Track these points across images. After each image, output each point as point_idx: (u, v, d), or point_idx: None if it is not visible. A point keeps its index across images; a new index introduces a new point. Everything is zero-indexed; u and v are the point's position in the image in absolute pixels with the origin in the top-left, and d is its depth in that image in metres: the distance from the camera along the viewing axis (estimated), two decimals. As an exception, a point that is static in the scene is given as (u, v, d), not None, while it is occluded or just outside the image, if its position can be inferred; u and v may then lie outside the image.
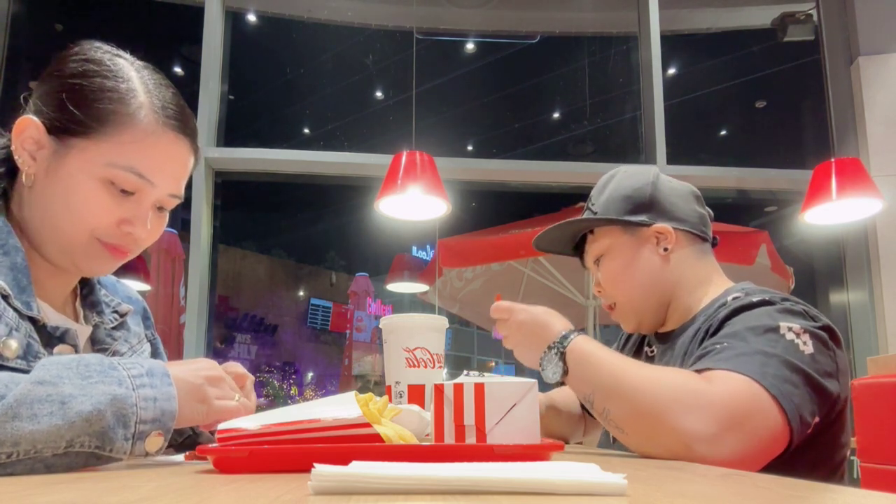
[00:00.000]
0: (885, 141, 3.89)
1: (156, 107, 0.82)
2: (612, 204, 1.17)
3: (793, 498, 0.44)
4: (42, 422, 0.60)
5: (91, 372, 0.65)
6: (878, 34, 4.00)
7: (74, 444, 0.62)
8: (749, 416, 0.82)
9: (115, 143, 0.79)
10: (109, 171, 0.79)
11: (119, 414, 0.64)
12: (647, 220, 1.15)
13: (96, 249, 0.82)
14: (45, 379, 0.62)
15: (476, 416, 0.66)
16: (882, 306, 3.78)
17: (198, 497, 0.41)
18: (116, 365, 0.67)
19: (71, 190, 0.79)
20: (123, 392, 0.65)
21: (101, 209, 0.80)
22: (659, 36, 3.98)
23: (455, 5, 4.74)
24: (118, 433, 0.64)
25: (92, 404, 0.62)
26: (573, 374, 0.94)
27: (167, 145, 0.83)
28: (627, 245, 1.16)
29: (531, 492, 0.40)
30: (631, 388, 0.88)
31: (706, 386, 0.85)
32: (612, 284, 1.18)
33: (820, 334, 0.93)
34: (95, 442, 0.63)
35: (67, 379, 0.63)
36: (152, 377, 0.68)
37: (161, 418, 0.67)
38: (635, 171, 1.21)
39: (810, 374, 0.88)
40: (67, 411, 0.61)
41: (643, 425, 0.86)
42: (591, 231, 1.22)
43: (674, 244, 1.14)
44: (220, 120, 3.85)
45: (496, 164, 4.08)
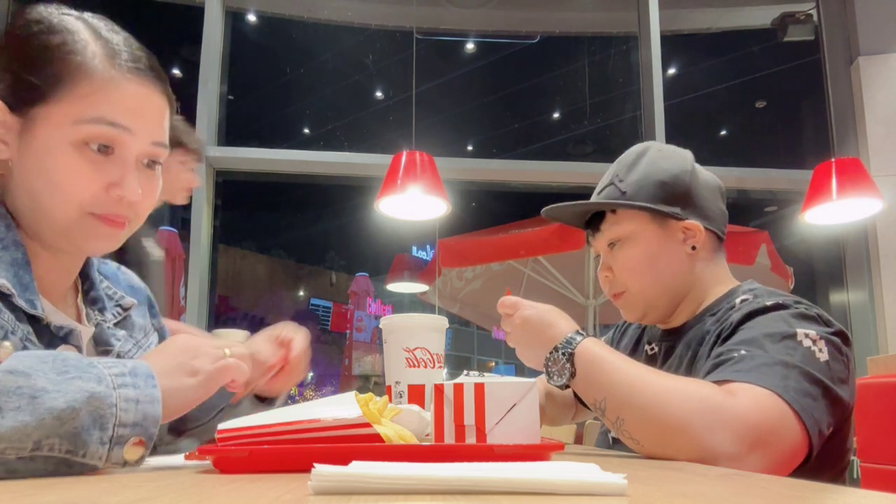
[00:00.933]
0: (885, 141, 3.89)
1: (110, 53, 0.75)
2: (646, 187, 1.08)
3: (793, 498, 0.44)
4: (7, 416, 0.53)
5: (68, 367, 0.58)
6: (878, 34, 4.00)
7: (42, 445, 0.55)
8: (773, 434, 0.81)
9: (77, 98, 0.73)
10: (79, 130, 0.73)
11: (96, 414, 0.57)
12: (680, 214, 1.08)
13: (92, 224, 0.76)
14: (17, 369, 0.56)
15: (476, 416, 0.66)
16: (882, 306, 3.78)
17: (198, 497, 0.41)
18: (96, 363, 0.61)
19: (47, 164, 0.73)
20: (102, 390, 0.58)
21: (83, 178, 0.74)
22: (659, 36, 3.98)
23: (455, 5, 4.74)
24: (93, 435, 0.56)
25: (66, 401, 0.55)
26: (582, 378, 0.90)
27: (132, 89, 0.76)
28: (653, 235, 1.08)
29: (531, 492, 0.40)
30: (649, 399, 0.84)
31: (730, 401, 0.82)
32: (628, 273, 1.10)
33: (834, 340, 0.92)
34: (67, 445, 0.55)
35: (42, 372, 0.56)
36: (135, 377, 0.61)
37: (143, 422, 0.59)
38: (671, 153, 1.12)
39: (827, 385, 0.87)
40: (37, 407, 0.54)
41: (663, 439, 0.82)
42: (612, 210, 1.11)
43: (701, 244, 1.08)
44: (220, 120, 3.85)
45: (496, 164, 4.08)
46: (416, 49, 3.94)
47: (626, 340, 1.29)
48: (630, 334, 1.29)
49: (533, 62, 6.92)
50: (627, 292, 1.11)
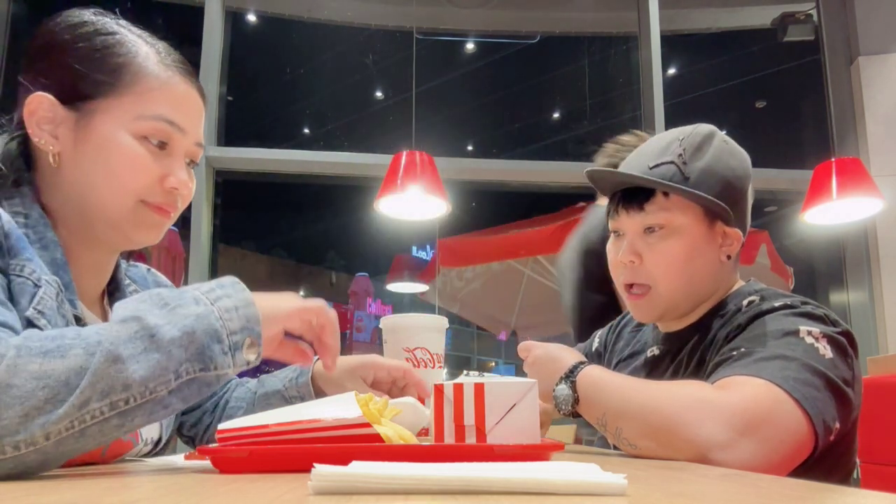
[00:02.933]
0: (885, 141, 3.89)
1: (160, 55, 0.81)
2: (709, 180, 0.99)
3: (793, 498, 0.44)
4: (141, 360, 0.57)
5: (165, 299, 0.62)
6: (878, 34, 4.00)
7: (181, 374, 0.59)
8: (767, 420, 0.79)
9: (137, 95, 0.77)
10: (141, 125, 0.77)
11: (209, 331, 0.61)
12: (732, 218, 1.01)
13: (144, 214, 0.80)
14: (127, 316, 0.60)
15: (476, 416, 0.66)
16: (882, 306, 3.78)
17: (198, 497, 0.41)
18: (185, 290, 0.65)
19: (110, 154, 0.76)
20: (203, 310, 0.62)
21: (143, 167, 0.78)
22: (659, 36, 3.98)
23: (455, 5, 4.74)
24: (214, 349, 0.61)
25: (178, 329, 0.59)
26: (584, 401, 0.91)
27: (183, 90, 0.81)
28: (699, 233, 1.00)
29: (531, 492, 0.40)
30: (641, 405, 0.85)
31: (720, 393, 0.82)
32: (663, 267, 1.00)
33: (839, 340, 0.90)
34: (199, 365, 0.60)
35: (147, 311, 0.60)
36: (223, 287, 0.66)
37: (248, 325, 0.64)
38: (736, 151, 1.04)
39: (831, 378, 0.85)
40: (160, 342, 0.58)
41: (657, 439, 0.82)
42: (665, 193, 1.00)
43: (735, 253, 1.04)
44: (219, 120, 3.85)
45: (496, 164, 4.08)
46: (416, 49, 3.94)
47: (622, 344, 1.26)
48: (626, 338, 1.26)
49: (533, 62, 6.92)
50: (653, 290, 1.02)
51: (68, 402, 0.55)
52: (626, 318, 1.31)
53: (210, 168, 3.68)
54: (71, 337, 0.58)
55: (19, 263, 0.70)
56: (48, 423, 0.54)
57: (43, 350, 0.56)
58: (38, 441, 0.54)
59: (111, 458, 0.81)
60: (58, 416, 0.54)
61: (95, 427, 0.56)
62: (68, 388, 0.55)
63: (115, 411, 0.57)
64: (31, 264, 0.71)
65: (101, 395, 0.56)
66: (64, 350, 0.56)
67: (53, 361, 0.56)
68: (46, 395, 0.54)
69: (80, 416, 0.55)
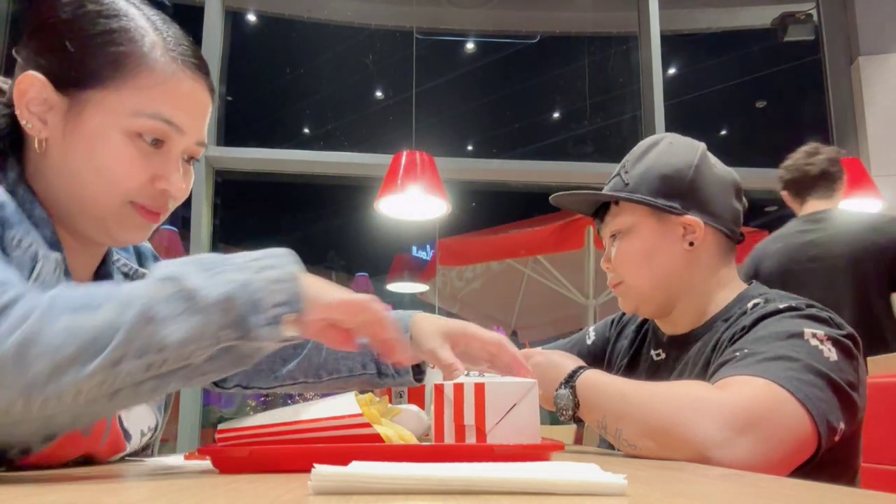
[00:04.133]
0: (885, 141, 3.89)
1: (169, 45, 0.74)
2: (647, 180, 1.08)
3: (793, 498, 0.44)
4: (179, 321, 0.55)
5: (208, 264, 0.60)
6: (878, 34, 4.00)
7: (220, 339, 0.57)
8: (766, 418, 0.79)
9: (136, 89, 0.72)
10: (136, 122, 0.72)
11: (251, 299, 0.58)
12: (679, 209, 1.06)
13: (130, 214, 0.75)
14: (167, 275, 0.57)
15: (476, 416, 0.66)
16: (882, 306, 3.77)
17: (198, 497, 0.41)
18: (231, 255, 0.62)
19: (98, 149, 0.72)
20: (247, 277, 0.59)
21: (133, 167, 0.73)
22: (659, 36, 3.98)
23: (455, 5, 4.74)
24: (252, 320, 0.58)
25: (219, 293, 0.57)
26: (584, 405, 0.92)
27: (188, 86, 0.75)
28: (651, 229, 1.08)
29: (531, 492, 0.40)
30: (639, 405, 0.86)
31: (718, 392, 0.82)
32: (625, 265, 1.10)
33: (844, 343, 0.90)
34: (236, 332, 0.57)
35: (189, 273, 0.58)
36: (272, 257, 0.62)
37: (291, 300, 0.60)
38: (681, 147, 1.11)
39: (835, 380, 0.84)
40: (198, 304, 0.56)
41: (655, 439, 0.83)
42: (615, 202, 1.12)
43: (700, 240, 1.07)
44: (219, 120, 3.85)
45: (496, 164, 4.08)
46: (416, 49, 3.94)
47: (625, 341, 1.26)
48: (629, 336, 1.26)
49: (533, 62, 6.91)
50: (623, 283, 1.12)
51: (99, 359, 0.53)
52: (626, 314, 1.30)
53: (210, 168, 3.67)
54: (103, 294, 0.56)
55: (16, 236, 0.67)
56: (78, 379, 0.52)
57: (74, 305, 0.54)
58: (66, 397, 0.52)
59: (109, 453, 0.80)
60: (88, 373, 0.52)
61: (129, 390, 0.55)
62: (99, 344, 0.53)
63: (150, 373, 0.55)
64: (29, 237, 0.68)
65: (135, 355, 0.54)
66: (95, 306, 0.54)
67: (84, 316, 0.54)
68: (76, 350, 0.52)
69: (113, 374, 0.53)
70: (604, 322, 1.35)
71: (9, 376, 0.51)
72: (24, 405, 0.52)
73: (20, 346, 0.51)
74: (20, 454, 0.66)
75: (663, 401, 0.84)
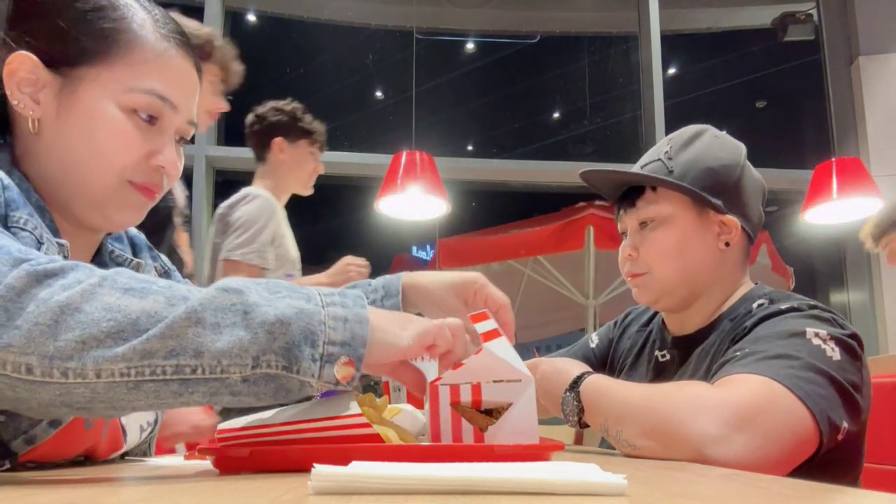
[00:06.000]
0: (885, 141, 3.89)
1: (158, 23, 0.75)
2: (695, 170, 1.04)
3: (793, 498, 0.44)
4: (224, 332, 0.53)
5: (279, 288, 0.58)
6: (878, 34, 4.00)
7: (260, 362, 0.54)
8: (763, 414, 0.78)
9: (129, 65, 0.71)
10: (131, 97, 0.71)
11: (306, 330, 0.55)
12: (722, 207, 1.04)
13: (127, 193, 0.74)
14: (231, 287, 0.55)
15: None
16: (882, 306, 3.78)
17: (198, 497, 0.41)
18: (306, 287, 0.60)
19: (94, 126, 0.71)
20: (312, 308, 0.56)
21: (129, 143, 0.72)
22: (659, 36, 3.98)
23: (455, 5, 4.74)
24: (304, 352, 0.55)
25: (276, 314, 0.54)
26: (588, 410, 0.92)
27: (179, 64, 0.75)
28: (690, 222, 1.04)
29: (531, 492, 0.40)
30: (639, 406, 0.86)
31: (715, 390, 0.82)
32: (656, 256, 1.06)
33: (848, 342, 0.89)
34: (282, 361, 0.54)
35: (254, 291, 0.56)
36: (344, 297, 0.59)
37: (351, 342, 0.57)
38: (727, 142, 1.08)
39: (837, 379, 0.84)
40: (250, 321, 0.54)
41: (654, 439, 0.83)
42: (653, 187, 1.07)
43: (735, 242, 1.05)
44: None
45: (496, 164, 4.09)
46: (416, 49, 3.94)
47: (628, 342, 1.25)
48: (632, 336, 1.25)
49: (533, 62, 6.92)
50: (649, 274, 1.07)
51: (130, 344, 0.51)
52: (630, 315, 1.30)
53: (210, 168, 3.68)
54: (161, 285, 0.55)
55: (22, 217, 0.66)
56: (103, 359, 0.50)
57: (126, 287, 0.53)
58: (88, 374, 0.50)
59: (109, 450, 0.80)
60: (115, 355, 0.51)
61: (152, 385, 0.52)
62: (135, 329, 0.51)
63: (178, 376, 0.52)
64: (33, 220, 0.67)
65: (168, 353, 0.52)
66: (147, 292, 0.53)
67: (131, 299, 0.52)
68: (110, 329, 0.51)
69: (139, 365, 0.51)
70: (606, 325, 1.34)
71: (37, 338, 0.50)
72: (43, 372, 0.50)
73: (61, 310, 0.50)
74: (24, 444, 0.65)
75: (661, 401, 0.84)
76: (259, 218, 2.08)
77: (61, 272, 0.53)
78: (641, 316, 1.26)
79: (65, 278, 0.52)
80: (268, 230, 2.08)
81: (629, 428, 0.86)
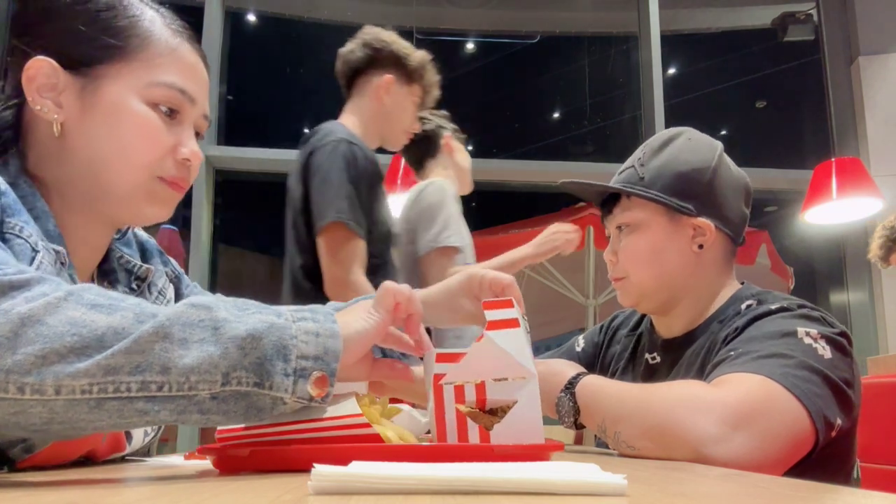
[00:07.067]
0: (885, 141, 3.89)
1: (166, 19, 0.77)
2: (664, 176, 1.06)
3: (793, 498, 0.44)
4: (192, 348, 0.51)
5: (248, 305, 0.57)
6: (878, 34, 4.00)
7: (230, 379, 0.52)
8: (762, 413, 0.79)
9: (146, 61, 0.73)
10: (153, 91, 0.73)
11: (278, 344, 0.54)
12: (693, 210, 1.05)
13: (156, 188, 0.75)
14: (199, 303, 0.54)
15: (476, 416, 0.66)
16: (882, 306, 3.78)
17: (198, 497, 0.41)
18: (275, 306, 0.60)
19: (120, 121, 0.72)
20: (282, 322, 0.55)
21: (156, 136, 0.73)
22: (659, 36, 3.98)
23: (455, 5, 4.74)
24: (276, 366, 0.54)
25: (246, 329, 0.53)
26: (584, 411, 0.92)
27: (192, 58, 0.77)
28: (662, 227, 1.07)
29: (531, 492, 0.40)
30: (636, 406, 0.86)
31: (713, 390, 0.82)
32: (630, 262, 1.09)
33: (838, 340, 0.90)
34: (253, 377, 0.53)
35: (223, 307, 0.55)
36: (314, 313, 0.59)
37: (324, 356, 0.56)
38: (699, 144, 1.10)
39: (831, 377, 0.85)
40: (220, 336, 0.52)
41: (652, 439, 0.83)
42: (627, 195, 1.10)
43: (709, 244, 1.06)
44: (219, 120, 3.85)
45: (496, 164, 4.08)
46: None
47: (618, 346, 1.25)
48: (621, 341, 1.25)
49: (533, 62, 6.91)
50: (627, 279, 1.10)
51: (93, 360, 0.49)
52: (617, 318, 1.31)
53: (210, 168, 3.67)
54: (130, 302, 0.53)
55: (17, 224, 0.65)
56: (63, 375, 0.48)
57: (93, 302, 0.52)
58: (46, 390, 0.48)
59: (110, 451, 0.80)
60: (76, 370, 0.49)
61: (116, 403, 0.50)
62: (100, 345, 0.50)
63: (143, 393, 0.50)
64: (29, 227, 0.66)
65: (133, 369, 0.50)
66: (114, 309, 0.52)
67: (97, 314, 0.51)
68: (73, 343, 0.49)
69: (102, 382, 0.49)
70: (593, 329, 1.34)
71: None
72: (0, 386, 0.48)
73: (22, 322, 0.49)
74: (23, 452, 0.65)
75: (659, 401, 0.84)
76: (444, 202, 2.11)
77: (27, 284, 0.51)
78: (629, 319, 1.27)
79: (30, 291, 0.51)
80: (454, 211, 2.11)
81: (627, 428, 0.86)
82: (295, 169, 1.84)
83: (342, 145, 1.70)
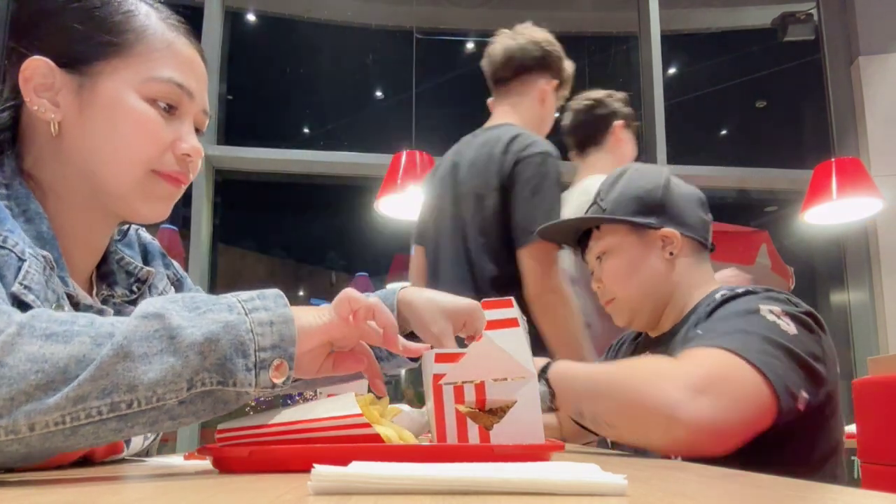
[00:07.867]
0: (885, 141, 3.89)
1: (162, 14, 0.76)
2: (623, 203, 1.19)
3: (793, 498, 0.44)
4: (154, 361, 0.52)
5: (197, 303, 0.57)
6: (878, 34, 4.00)
7: (195, 383, 0.53)
8: (724, 379, 0.85)
9: (142, 56, 0.72)
10: (151, 86, 0.72)
11: (235, 342, 0.55)
12: (656, 224, 1.17)
13: (154, 184, 0.75)
14: (150, 312, 0.54)
15: (476, 416, 0.66)
16: (882, 306, 3.78)
17: (198, 497, 0.41)
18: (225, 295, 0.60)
19: (118, 117, 0.71)
20: (235, 318, 0.56)
21: (154, 132, 0.72)
22: (659, 36, 3.98)
23: (455, 5, 4.74)
24: (238, 363, 0.55)
25: (202, 334, 0.54)
26: (559, 395, 0.99)
27: (189, 52, 0.77)
28: (633, 246, 1.18)
29: (531, 492, 0.40)
30: (608, 385, 0.93)
31: (677, 362, 0.89)
32: (614, 282, 1.20)
33: (802, 318, 0.96)
34: (216, 377, 0.54)
35: (174, 311, 0.55)
36: (264, 299, 0.59)
37: (281, 344, 0.57)
38: (647, 171, 1.23)
39: (793, 350, 0.90)
40: (178, 345, 0.53)
41: (628, 414, 0.90)
42: (597, 227, 1.23)
43: (679, 250, 1.17)
44: (219, 119, 3.85)
45: (496, 164, 4.07)
46: (416, 49, 3.94)
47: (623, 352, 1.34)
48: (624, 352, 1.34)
49: (533, 62, 6.90)
50: (616, 299, 1.21)
51: (62, 393, 0.50)
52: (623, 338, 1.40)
53: (210, 168, 3.67)
54: (82, 324, 0.53)
55: (1, 234, 0.65)
56: (35, 413, 0.49)
57: (47, 332, 0.51)
58: (20, 430, 0.49)
59: (107, 453, 0.79)
60: (47, 407, 0.49)
61: (90, 427, 0.51)
62: (65, 377, 0.50)
63: (114, 413, 0.51)
64: (14, 236, 0.65)
65: (101, 393, 0.50)
66: (70, 336, 0.52)
67: (55, 345, 0.51)
68: (39, 381, 0.49)
69: (74, 411, 0.50)
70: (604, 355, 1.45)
71: None
72: None
73: None
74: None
75: (627, 377, 0.91)
76: None
77: None
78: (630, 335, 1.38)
79: None
80: None
81: (603, 408, 0.93)
82: (478, 171, 1.80)
83: (550, 159, 1.70)
